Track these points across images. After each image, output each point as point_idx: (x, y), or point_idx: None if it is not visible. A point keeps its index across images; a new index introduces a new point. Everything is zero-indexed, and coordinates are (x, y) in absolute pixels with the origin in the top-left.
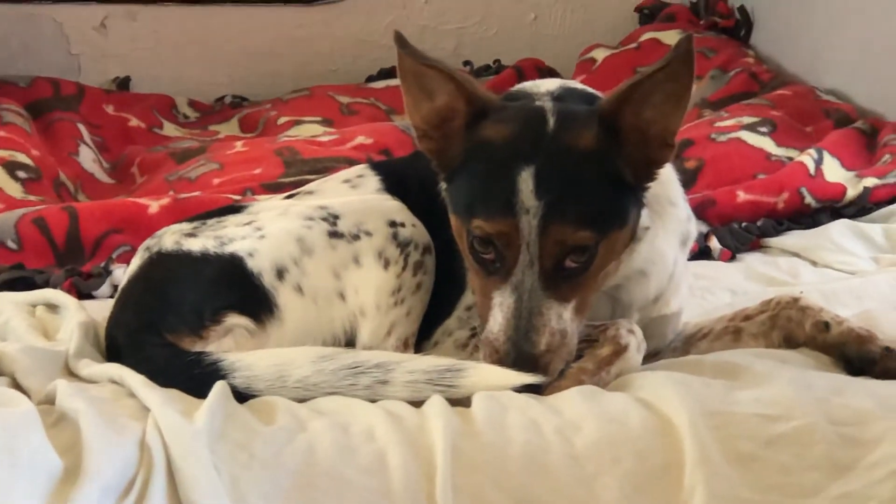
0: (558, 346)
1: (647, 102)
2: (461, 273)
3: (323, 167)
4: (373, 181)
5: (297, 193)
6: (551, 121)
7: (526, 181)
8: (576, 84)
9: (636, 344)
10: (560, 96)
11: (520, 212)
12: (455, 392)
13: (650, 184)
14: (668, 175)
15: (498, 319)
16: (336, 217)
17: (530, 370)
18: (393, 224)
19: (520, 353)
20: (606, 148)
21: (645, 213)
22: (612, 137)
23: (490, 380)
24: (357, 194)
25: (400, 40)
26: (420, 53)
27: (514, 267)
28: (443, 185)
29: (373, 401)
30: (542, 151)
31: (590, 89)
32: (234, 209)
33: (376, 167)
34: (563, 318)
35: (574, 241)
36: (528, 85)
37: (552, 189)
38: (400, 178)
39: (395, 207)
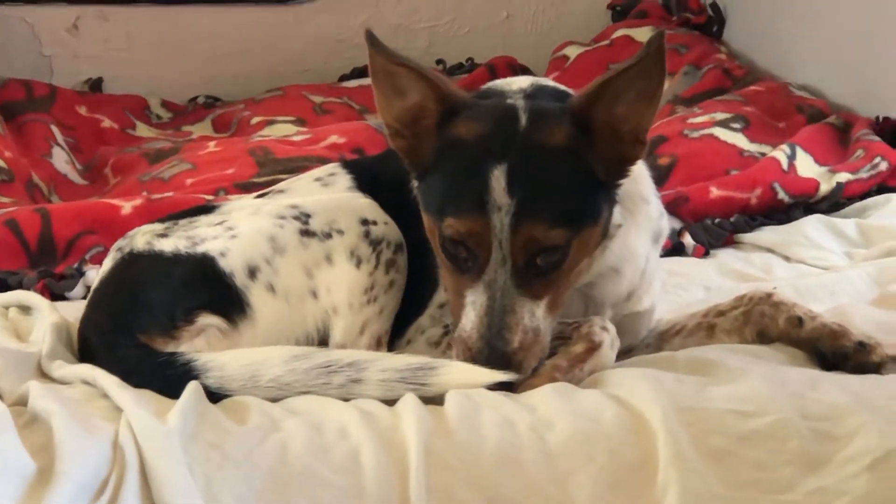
0: (531, 344)
1: (620, 99)
2: (433, 271)
3: (296, 167)
4: (344, 179)
5: (269, 192)
6: (523, 118)
7: (498, 179)
8: (548, 81)
9: (609, 341)
10: (532, 94)
11: (492, 210)
12: (428, 390)
13: (622, 181)
14: (640, 172)
15: (471, 317)
16: (308, 216)
17: (503, 368)
18: (365, 222)
19: (493, 350)
20: (578, 145)
21: (617, 210)
22: (584, 135)
23: (463, 378)
24: (329, 192)
25: (371, 39)
26: (391, 52)
27: (486, 265)
28: (415, 184)
29: (346, 399)
30: (514, 149)
31: (562, 87)
32: (206, 209)
33: (348, 165)
34: (535, 316)
35: (546, 239)
36: (499, 83)
37: (524, 187)
38: (372, 175)
39: (366, 205)
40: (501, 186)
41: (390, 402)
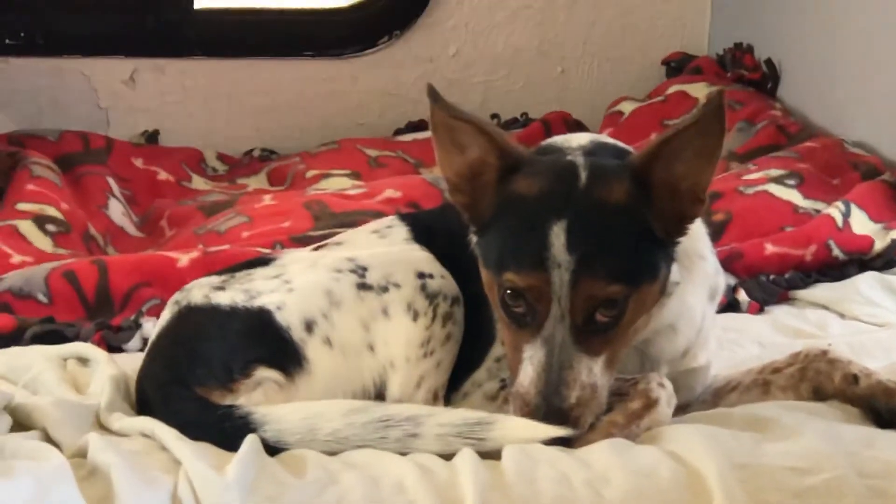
0: (589, 400)
1: (679, 157)
2: (490, 324)
3: (352, 220)
4: (401, 231)
5: (326, 244)
6: (583, 175)
7: (558, 235)
8: (606, 138)
9: (666, 398)
10: (591, 151)
11: (551, 266)
12: (485, 445)
13: (680, 239)
14: (696, 228)
15: (528, 373)
16: (364, 269)
17: (561, 424)
18: (421, 275)
19: (550, 406)
20: (638, 203)
21: (675, 267)
22: (643, 192)
23: (520, 433)
24: (385, 244)
25: (433, 94)
26: (452, 107)
27: (544, 320)
28: (473, 239)
29: (403, 454)
30: (574, 206)
31: (621, 144)
32: (263, 262)
33: (405, 218)
34: (593, 372)
35: (605, 295)
36: (559, 139)
37: (583, 243)
38: (428, 228)
39: (423, 258)
40: (561, 243)
41: (447, 457)
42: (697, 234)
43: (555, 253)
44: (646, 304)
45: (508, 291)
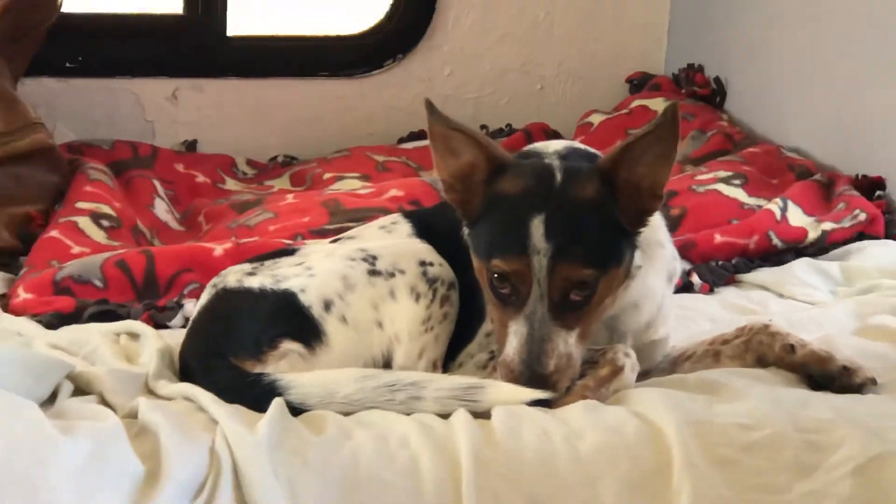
0: (565, 367)
1: (640, 160)
2: (481, 306)
3: (362, 216)
4: (405, 227)
5: (341, 238)
6: (558, 176)
7: (537, 227)
8: (578, 145)
9: (630, 365)
10: (565, 155)
11: (532, 253)
12: (477, 406)
13: (642, 229)
14: (657, 221)
15: (513, 345)
16: (374, 258)
17: (541, 388)
18: (423, 263)
19: (532, 373)
20: (605, 199)
21: (637, 253)
22: (609, 190)
23: (507, 396)
24: (392, 238)
25: (430, 107)
26: (447, 118)
27: (526, 300)
28: (466, 231)
29: (407, 414)
30: (551, 202)
31: (590, 149)
32: (287, 252)
33: (407, 215)
34: (568, 344)
35: (578, 277)
36: (538, 145)
37: (559, 234)
38: (428, 224)
39: (424, 249)
40: (540, 233)
41: (445, 416)
42: (657, 226)
43: (535, 242)
44: (613, 286)
45: (496, 275)
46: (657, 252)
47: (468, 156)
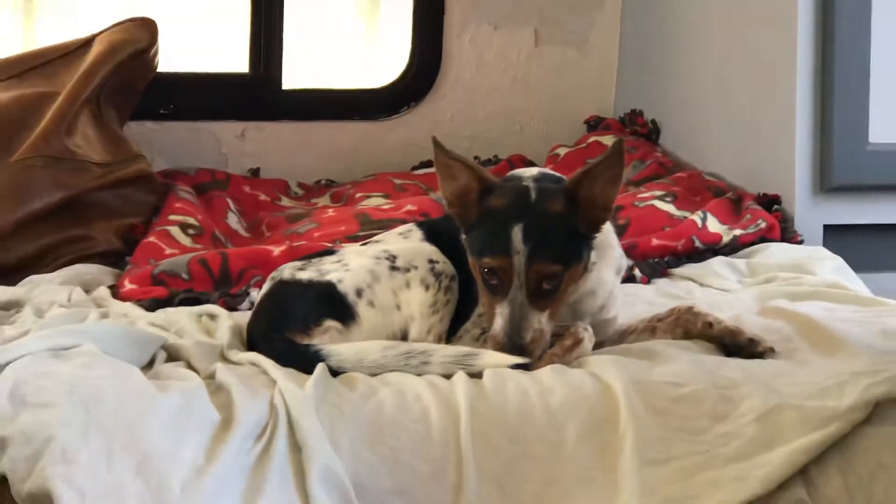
0: (539, 339)
1: (595, 182)
2: (474, 295)
3: (384, 225)
4: (418, 234)
5: (370, 242)
6: (533, 195)
7: (517, 233)
8: (548, 171)
9: (588, 337)
10: (538, 179)
11: (513, 253)
12: (472, 369)
13: (596, 234)
14: (608, 228)
15: (499, 322)
16: (394, 257)
17: (520, 355)
18: (431, 261)
19: (514, 343)
20: (569, 211)
21: (593, 253)
22: (572, 205)
23: (494, 361)
24: (407, 242)
25: (436, 143)
26: (448, 151)
27: (509, 289)
28: (463, 236)
29: (419, 375)
30: (527, 214)
31: (556, 174)
32: (329, 252)
33: (420, 224)
34: (541, 322)
35: (548, 272)
36: (518, 172)
37: (533, 238)
38: (435, 231)
39: (432, 250)
40: (519, 238)
41: (448, 377)
42: (608, 232)
43: (515, 244)
44: (575, 277)
45: (486, 270)
46: (609, 252)
47: (464, 179)
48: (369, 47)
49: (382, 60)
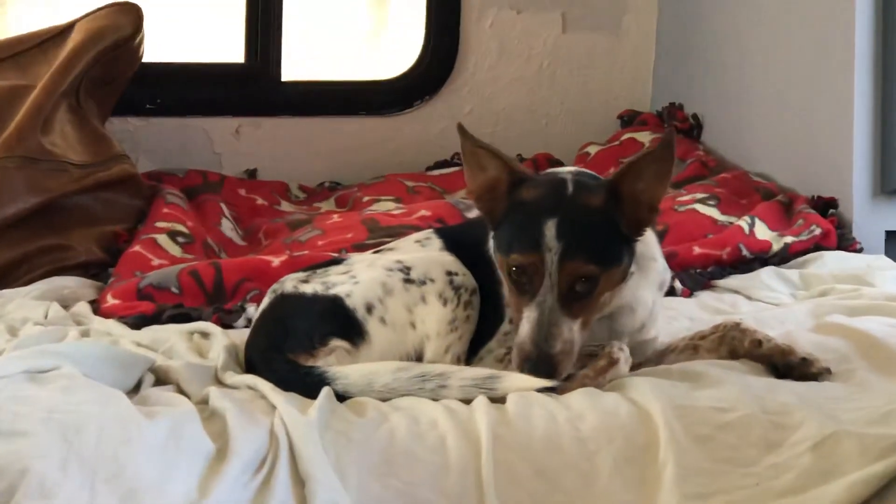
0: (568, 351)
1: (640, 177)
2: (500, 310)
3: (396, 232)
4: (437, 242)
5: (382, 250)
6: (570, 187)
7: (550, 228)
8: (585, 170)
9: (624, 359)
10: (576, 174)
11: (545, 249)
12: (494, 393)
13: (639, 238)
14: (650, 238)
15: (526, 328)
16: (409, 268)
17: (547, 366)
18: (449, 273)
19: (540, 351)
20: (610, 207)
21: (634, 263)
22: (614, 201)
23: (519, 384)
24: (425, 252)
25: (462, 130)
26: (476, 139)
27: (538, 289)
28: (491, 234)
29: (435, 400)
30: (563, 208)
31: (594, 173)
32: (336, 262)
33: (438, 232)
34: (572, 331)
35: (582, 272)
36: (553, 170)
37: (568, 235)
38: (456, 240)
39: (451, 261)
40: (552, 234)
41: (467, 402)
42: (651, 243)
43: (547, 240)
44: (611, 283)
45: (514, 268)
46: (650, 265)
47: (493, 170)
48: (378, 34)
49: (393, 48)
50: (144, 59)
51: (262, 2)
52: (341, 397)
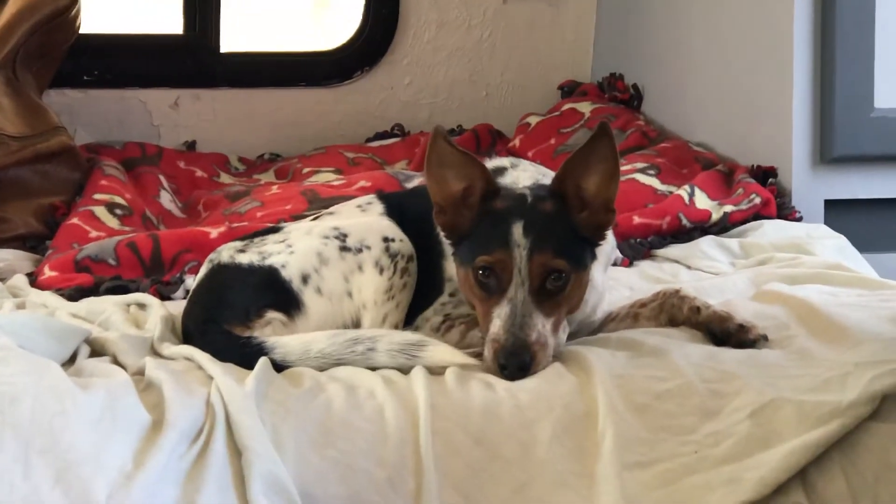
0: (543, 343)
1: (585, 179)
2: (439, 280)
3: (335, 203)
4: (378, 207)
5: (322, 214)
6: (529, 198)
7: (517, 228)
8: (543, 178)
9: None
10: (532, 187)
11: (513, 246)
12: (417, 361)
13: (601, 242)
14: None
15: (497, 324)
16: (345, 235)
17: (523, 355)
18: (386, 239)
19: (516, 339)
20: (560, 210)
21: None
22: (561, 203)
23: (442, 356)
24: (366, 216)
25: (439, 133)
26: (455, 144)
27: (508, 286)
28: (451, 252)
29: (367, 365)
30: (527, 213)
31: (549, 176)
32: (273, 230)
33: (382, 197)
34: (545, 327)
35: (552, 265)
36: (509, 177)
37: (534, 232)
38: (400, 206)
39: (387, 226)
40: (519, 232)
41: (405, 372)
42: None
43: (516, 238)
44: (580, 287)
45: (481, 271)
46: (601, 247)
47: (468, 179)
48: (318, 5)
49: (333, 20)
50: (81, 31)
51: None
52: (278, 367)
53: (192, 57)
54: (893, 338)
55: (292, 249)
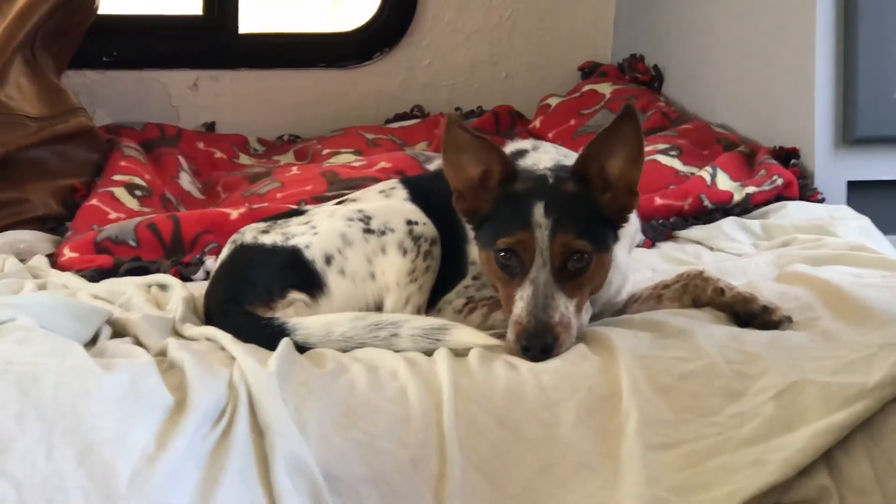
0: (567, 324)
1: (609, 161)
2: (463, 265)
3: (355, 184)
4: (402, 193)
5: (345, 199)
6: (550, 179)
7: (539, 208)
8: (564, 159)
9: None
10: (553, 168)
11: (535, 226)
12: (441, 344)
13: (624, 224)
14: None
15: (520, 305)
16: (369, 218)
17: (546, 337)
18: (409, 223)
19: (538, 321)
20: (582, 192)
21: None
22: (584, 184)
23: (465, 338)
24: (388, 201)
25: (453, 120)
26: (471, 129)
27: (530, 267)
28: (472, 236)
29: (391, 349)
30: (548, 194)
31: (571, 157)
32: (297, 212)
33: (405, 181)
34: (568, 309)
35: (574, 245)
36: (529, 159)
37: (556, 213)
38: (423, 191)
39: (411, 210)
40: (541, 213)
41: (429, 354)
42: None
43: (537, 218)
44: (603, 266)
45: (502, 253)
46: (625, 228)
47: (485, 163)
48: None
49: (352, 1)
50: (100, 11)
51: None
52: (301, 348)
53: (211, 38)
54: None
55: (316, 230)
